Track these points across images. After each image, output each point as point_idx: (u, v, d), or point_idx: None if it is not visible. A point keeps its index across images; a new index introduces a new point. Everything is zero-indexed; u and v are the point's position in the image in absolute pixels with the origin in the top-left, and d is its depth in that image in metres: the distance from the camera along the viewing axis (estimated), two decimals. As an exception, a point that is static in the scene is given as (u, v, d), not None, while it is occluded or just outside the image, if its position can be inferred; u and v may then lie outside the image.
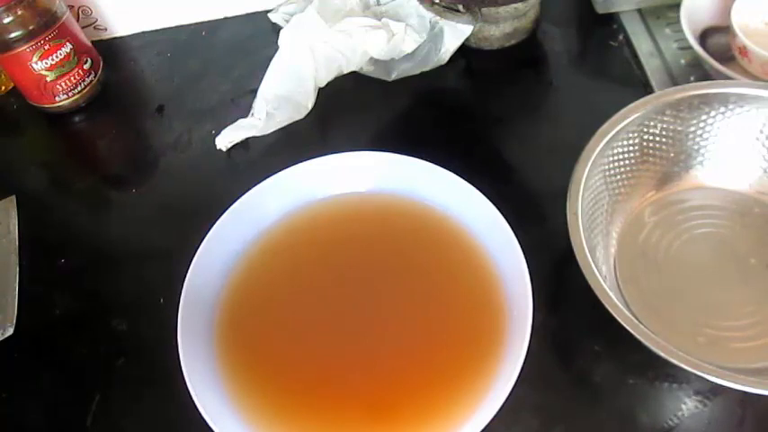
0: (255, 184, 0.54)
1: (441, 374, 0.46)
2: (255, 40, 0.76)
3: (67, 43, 0.69)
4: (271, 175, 0.54)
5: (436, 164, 0.52)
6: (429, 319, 0.49)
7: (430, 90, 0.70)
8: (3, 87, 0.77)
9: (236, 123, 0.66)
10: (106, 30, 0.81)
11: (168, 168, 0.67)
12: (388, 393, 0.46)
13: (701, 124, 0.54)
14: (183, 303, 0.48)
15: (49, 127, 0.74)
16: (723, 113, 0.54)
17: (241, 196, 0.53)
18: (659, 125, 0.54)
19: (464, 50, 0.69)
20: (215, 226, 0.52)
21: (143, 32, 0.81)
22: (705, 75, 0.63)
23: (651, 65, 0.66)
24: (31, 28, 0.65)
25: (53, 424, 0.52)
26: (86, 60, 0.72)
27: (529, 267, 0.46)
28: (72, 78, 0.70)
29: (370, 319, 0.49)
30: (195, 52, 0.78)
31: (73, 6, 0.76)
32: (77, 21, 0.75)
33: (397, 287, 0.50)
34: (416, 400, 0.45)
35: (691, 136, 0.55)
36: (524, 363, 0.43)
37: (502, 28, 0.69)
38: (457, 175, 0.51)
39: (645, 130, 0.54)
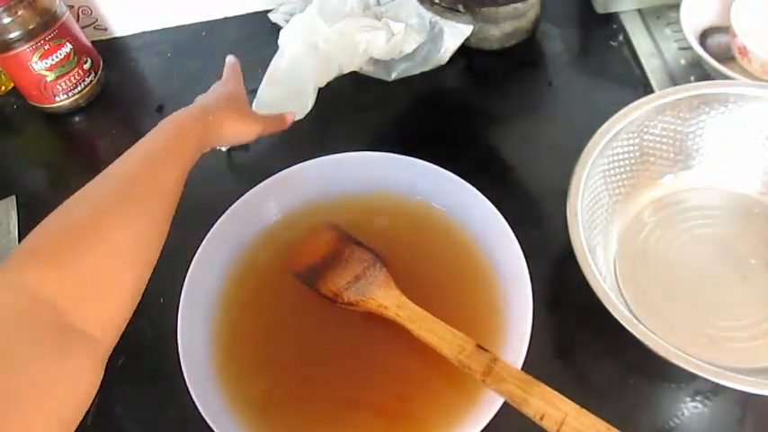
0: (255, 184, 0.54)
1: (440, 374, 0.46)
2: (255, 40, 0.76)
3: (67, 43, 0.69)
4: (271, 175, 0.54)
5: (436, 164, 0.52)
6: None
7: (430, 90, 0.70)
8: (3, 87, 0.77)
9: (236, 123, 0.66)
10: (106, 30, 0.81)
11: (168, 168, 0.67)
12: (388, 393, 0.46)
13: (701, 124, 0.54)
14: (182, 303, 0.48)
15: (49, 127, 0.74)
16: (723, 113, 0.54)
17: (241, 196, 0.53)
18: (659, 125, 0.54)
19: (464, 50, 0.69)
20: (215, 226, 0.52)
21: (143, 32, 0.81)
22: (705, 75, 0.63)
23: (651, 65, 0.66)
24: (31, 28, 0.65)
25: (53, 424, 0.52)
26: (86, 60, 0.72)
27: (529, 267, 0.46)
28: (72, 78, 0.71)
29: (369, 318, 0.48)
30: (195, 52, 0.78)
31: (73, 6, 0.76)
32: (77, 21, 0.75)
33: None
34: (417, 401, 0.45)
35: (691, 136, 0.55)
36: (524, 363, 0.43)
37: (502, 28, 0.69)
38: (457, 175, 0.51)
39: (645, 130, 0.54)
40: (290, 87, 0.64)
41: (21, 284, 0.35)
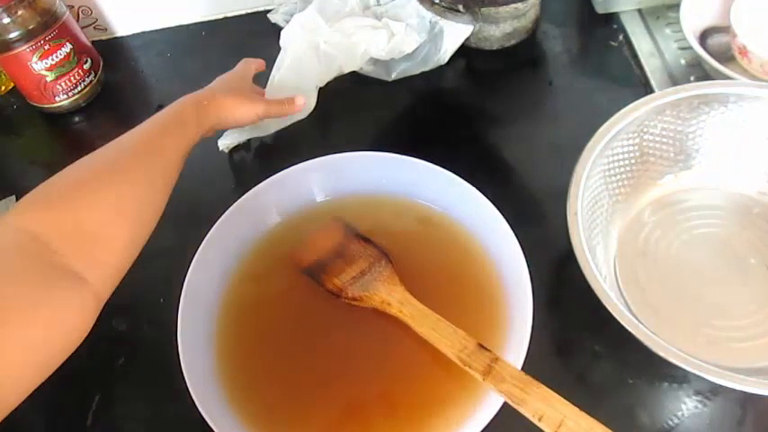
0: (256, 184, 0.54)
1: (441, 374, 0.46)
2: (255, 40, 0.76)
3: (67, 43, 0.69)
4: (271, 175, 0.54)
5: (436, 164, 0.52)
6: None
7: (430, 90, 0.70)
8: (3, 87, 0.77)
9: (237, 125, 0.66)
10: (106, 30, 0.81)
11: (168, 168, 0.67)
12: (389, 392, 0.46)
13: (701, 124, 0.54)
14: (182, 303, 0.48)
15: (49, 127, 0.74)
16: (723, 113, 0.54)
17: (241, 196, 0.53)
18: (659, 125, 0.54)
19: (464, 50, 0.69)
20: (215, 226, 0.52)
21: (143, 32, 0.81)
22: (705, 75, 0.63)
23: (651, 65, 0.67)
24: (31, 28, 0.65)
25: (53, 424, 0.52)
26: (86, 60, 0.72)
27: (529, 267, 0.46)
28: (72, 78, 0.71)
29: (369, 318, 0.49)
30: (195, 52, 0.78)
31: (73, 6, 0.76)
32: (77, 21, 0.75)
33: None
34: (418, 401, 0.45)
35: (691, 136, 0.55)
36: (524, 363, 0.43)
37: (502, 28, 0.69)
38: (457, 175, 0.51)
39: (645, 130, 0.54)
40: (293, 87, 0.64)
41: (18, 225, 0.37)
